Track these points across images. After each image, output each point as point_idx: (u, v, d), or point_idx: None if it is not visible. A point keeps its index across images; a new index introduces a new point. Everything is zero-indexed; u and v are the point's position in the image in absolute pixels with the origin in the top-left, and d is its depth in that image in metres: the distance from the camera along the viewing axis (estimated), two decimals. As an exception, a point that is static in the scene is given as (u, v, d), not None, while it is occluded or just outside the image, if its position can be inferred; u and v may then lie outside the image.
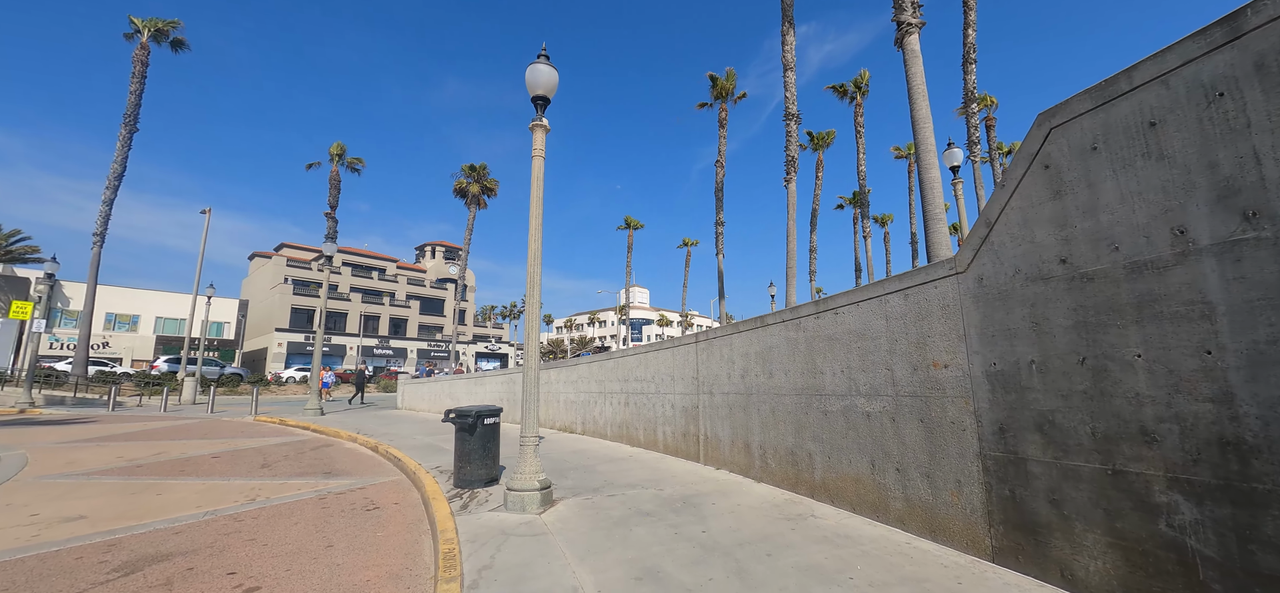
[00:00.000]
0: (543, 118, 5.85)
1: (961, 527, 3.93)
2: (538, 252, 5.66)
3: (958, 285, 3.99)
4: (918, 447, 4.30)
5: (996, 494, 3.69)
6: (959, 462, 3.97)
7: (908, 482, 4.38)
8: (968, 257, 3.90)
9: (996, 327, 3.71)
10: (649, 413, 8.83)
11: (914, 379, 4.35)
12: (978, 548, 3.81)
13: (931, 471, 4.18)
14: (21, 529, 5.08)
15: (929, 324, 4.23)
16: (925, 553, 3.89)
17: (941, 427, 4.11)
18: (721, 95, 24.81)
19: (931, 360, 4.20)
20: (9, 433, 12.03)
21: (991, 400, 3.73)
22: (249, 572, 4.04)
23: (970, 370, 3.88)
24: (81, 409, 17.71)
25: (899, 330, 4.50)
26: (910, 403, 4.38)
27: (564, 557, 3.94)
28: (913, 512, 4.33)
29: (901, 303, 4.49)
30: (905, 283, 4.46)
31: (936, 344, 4.17)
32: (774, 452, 6.03)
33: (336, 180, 30.74)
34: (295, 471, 7.96)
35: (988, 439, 3.76)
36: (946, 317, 4.09)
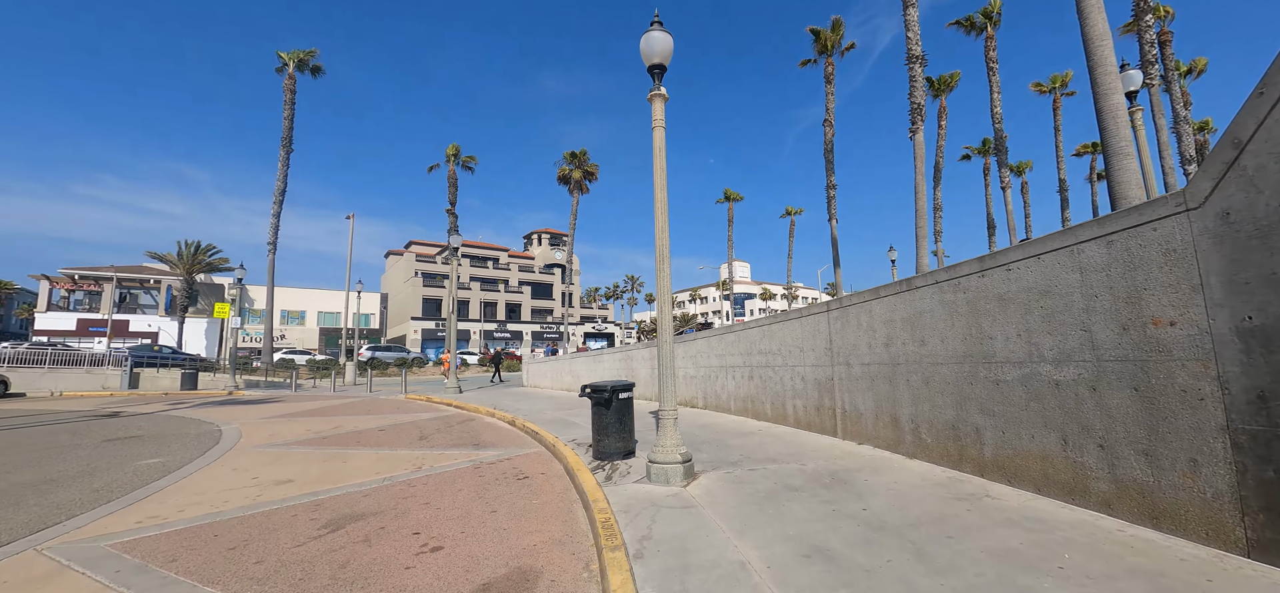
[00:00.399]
0: (661, 86, 5.74)
1: (1199, 514, 3.29)
2: (664, 225, 5.60)
3: (1189, 224, 3.29)
4: (1130, 420, 3.66)
5: (1254, 477, 3.02)
6: (1193, 437, 3.31)
7: (1116, 460, 3.76)
8: (1205, 188, 3.19)
9: (1252, 272, 3.00)
10: (776, 386, 8.54)
11: (1123, 341, 3.69)
12: (1224, 540, 3.16)
13: (1151, 447, 3.54)
14: (248, 490, 6.06)
15: (1144, 274, 3.55)
16: (1150, 543, 3.31)
17: (1166, 396, 3.45)
18: (826, 49, 23.11)
19: (1150, 318, 3.53)
20: (224, 411, 14.59)
21: (1245, 364, 3.04)
22: (430, 532, 4.46)
23: (1212, 328, 3.19)
24: (271, 391, 21.07)
25: (1099, 284, 3.84)
26: (1117, 369, 3.73)
27: (721, 530, 3.89)
28: (1123, 495, 3.71)
29: (1102, 252, 3.81)
30: (1106, 227, 3.78)
31: (1156, 298, 3.49)
32: (929, 426, 5.52)
33: (454, 179, 33.39)
34: (448, 442, 8.77)
35: (1239, 410, 3.08)
36: (1171, 264, 3.39)
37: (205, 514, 5.13)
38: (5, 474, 6.85)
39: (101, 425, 11.65)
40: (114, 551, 4.24)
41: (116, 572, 3.77)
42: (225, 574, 3.67)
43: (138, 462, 7.65)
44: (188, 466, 7.39)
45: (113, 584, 3.57)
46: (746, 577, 3.09)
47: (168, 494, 5.89)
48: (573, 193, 34.22)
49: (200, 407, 15.88)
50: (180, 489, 6.11)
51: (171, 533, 4.60)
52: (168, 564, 3.92)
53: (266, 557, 3.98)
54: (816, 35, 23.22)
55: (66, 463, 7.49)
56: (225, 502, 5.53)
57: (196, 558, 3.99)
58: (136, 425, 11.69)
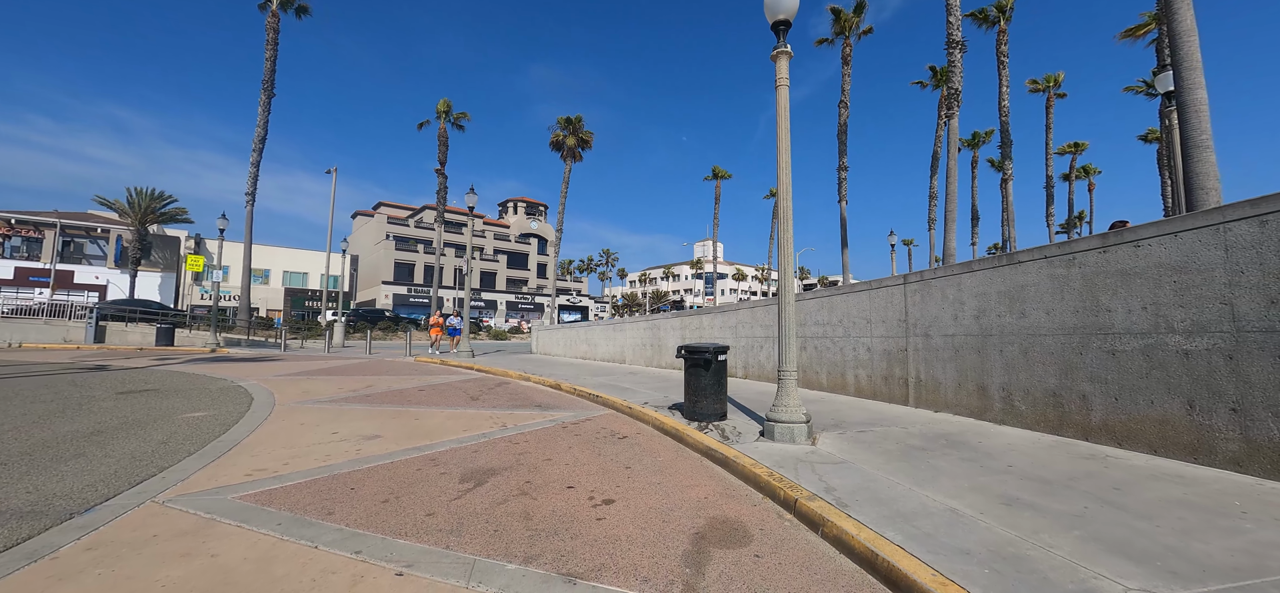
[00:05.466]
0: (785, 44, 5.68)
1: (1344, 471, 3.62)
2: (788, 187, 5.61)
3: (1364, 207, 3.55)
4: (1271, 386, 3.96)
5: None
6: (1346, 401, 3.62)
7: (1250, 423, 4.07)
8: (1388, 173, 3.44)
9: None
10: (833, 357, 8.77)
11: (1271, 314, 3.97)
12: (1373, 493, 3.50)
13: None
14: (340, 444, 5.82)
15: (1304, 252, 3.81)
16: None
17: (1318, 364, 3.75)
18: (844, 30, 23.22)
19: (1305, 292, 3.81)
20: (225, 367, 13.82)
21: None
22: (585, 486, 4.42)
23: (1379, 301, 3.48)
24: (256, 349, 20.06)
25: (1248, 261, 4.10)
26: (1260, 339, 4.03)
27: (899, 483, 4.02)
28: (1255, 454, 4.04)
29: (1254, 230, 4.07)
30: (1261, 208, 4.03)
31: (1316, 274, 3.76)
32: (1025, 394, 5.81)
33: (444, 137, 32.04)
34: (506, 403, 8.62)
35: (1401, 377, 3.39)
36: (1338, 243, 3.66)
37: (317, 468, 4.91)
38: (41, 425, 6.34)
39: (99, 378, 10.86)
40: (249, 502, 4.03)
41: (278, 525, 3.58)
42: (405, 528, 3.54)
43: (182, 415, 7.22)
44: (241, 420, 7.02)
45: (288, 536, 3.39)
46: (970, 520, 3.23)
47: (250, 448, 5.60)
48: (566, 160, 33.43)
49: (194, 363, 14.98)
50: (259, 443, 5.82)
51: (298, 486, 4.40)
52: (325, 517, 3.75)
53: (434, 510, 3.86)
54: (836, 16, 23.25)
55: (97, 416, 6.98)
56: (327, 456, 5.31)
57: (352, 512, 3.83)
58: (140, 379, 10.96)
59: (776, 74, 5.68)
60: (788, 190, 5.58)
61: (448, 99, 31.79)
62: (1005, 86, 22.19)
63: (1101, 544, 2.90)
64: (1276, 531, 3.03)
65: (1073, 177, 35.11)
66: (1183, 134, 7.13)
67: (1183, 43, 7.12)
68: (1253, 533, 3.02)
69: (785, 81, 5.66)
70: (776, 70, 5.68)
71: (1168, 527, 3.12)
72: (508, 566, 2.98)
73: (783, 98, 5.65)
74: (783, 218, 5.58)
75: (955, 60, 14.79)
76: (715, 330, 12.01)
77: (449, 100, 31.88)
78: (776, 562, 3.03)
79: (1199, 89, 7.04)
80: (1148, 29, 18.31)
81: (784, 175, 5.59)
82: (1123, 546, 2.88)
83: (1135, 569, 2.61)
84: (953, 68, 14.89)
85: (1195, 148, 7.00)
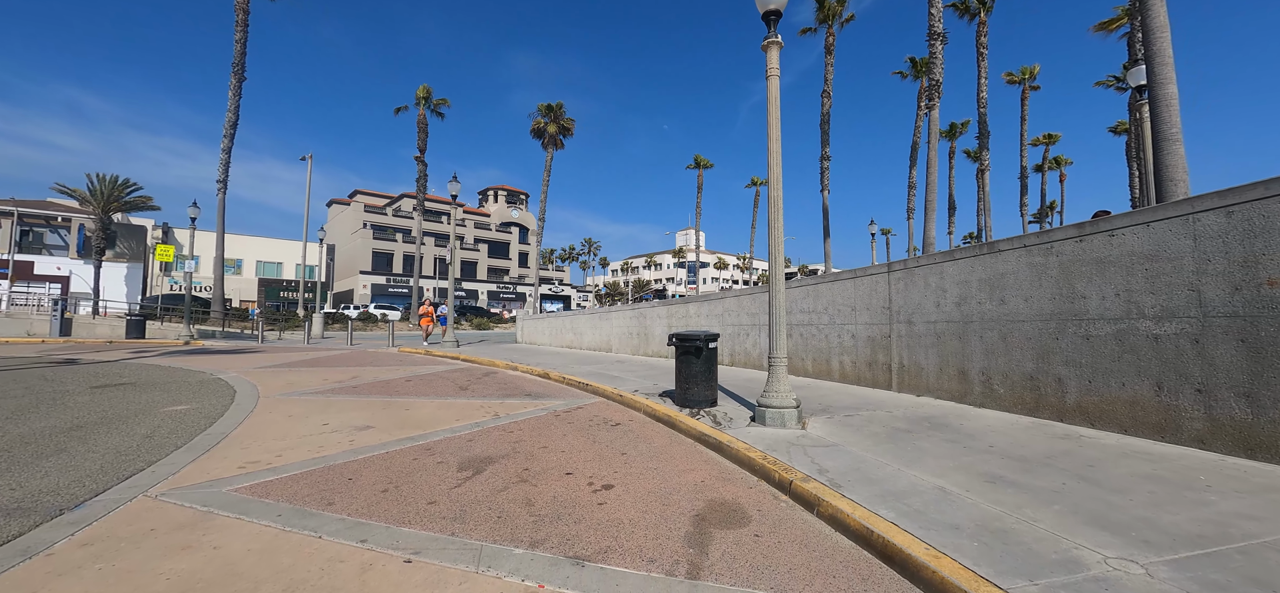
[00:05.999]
0: (776, 33, 5.74)
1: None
2: (778, 176, 5.70)
3: (1321, 198, 3.77)
4: (1233, 368, 4.21)
5: (1359, 412, 3.60)
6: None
7: (1213, 403, 4.32)
8: (1343, 167, 3.66)
9: (1381, 240, 3.51)
10: (819, 343, 8.96)
11: (1234, 299, 4.21)
12: (1323, 466, 3.76)
13: (1253, 390, 4.10)
14: (330, 436, 5.78)
15: (1264, 241, 4.04)
16: (1258, 468, 3.88)
17: (1276, 346, 3.98)
18: (827, 18, 23.36)
19: (1264, 279, 4.04)
20: (203, 360, 13.49)
21: (1363, 317, 3.58)
22: (584, 473, 4.49)
23: (1332, 287, 3.72)
24: (233, 341, 19.60)
25: (1214, 250, 4.32)
26: (1224, 324, 4.26)
27: (888, 463, 4.17)
28: (1217, 432, 4.29)
29: (1220, 220, 4.29)
30: (1228, 199, 4.24)
31: (1274, 262, 3.99)
32: (1003, 378, 6.04)
33: (423, 124, 31.40)
34: (496, 392, 8.62)
35: (1351, 357, 3.64)
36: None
37: (312, 459, 4.88)
38: (16, 421, 6.16)
39: (71, 373, 10.53)
40: (245, 494, 4.00)
41: (279, 516, 3.58)
42: (407, 516, 3.56)
43: (164, 409, 7.07)
44: (226, 413, 6.91)
45: (289, 527, 3.39)
46: (958, 497, 3.38)
47: (239, 441, 5.53)
48: (547, 148, 33.07)
49: (168, 356, 14.58)
50: (248, 436, 5.74)
51: (294, 477, 4.37)
52: (326, 507, 3.75)
53: (436, 498, 3.89)
54: (820, 3, 23.37)
55: (74, 411, 6.80)
56: (320, 447, 5.28)
57: (352, 501, 3.83)
58: (114, 373, 10.65)
59: (767, 64, 5.75)
60: (778, 179, 5.67)
61: (427, 85, 31.18)
62: (984, 78, 22.65)
63: (1080, 517, 3.08)
64: (1239, 502, 3.25)
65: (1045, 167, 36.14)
66: (1154, 127, 7.43)
67: (1155, 39, 7.41)
68: (1217, 504, 3.23)
69: (776, 71, 5.73)
70: (767, 61, 5.75)
71: (1140, 500, 3.32)
72: (515, 550, 3.04)
73: (773, 88, 5.73)
74: (773, 206, 5.68)
75: (937, 51, 15.05)
76: (701, 319, 12.13)
77: (428, 86, 31.25)
78: (776, 541, 3.14)
79: (1170, 84, 7.33)
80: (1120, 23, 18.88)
81: (775, 164, 5.68)
82: (1099, 518, 3.06)
83: (1112, 540, 2.78)
84: (934, 59, 15.16)
85: (1165, 140, 7.30)
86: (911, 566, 2.65)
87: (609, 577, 2.73)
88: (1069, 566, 2.52)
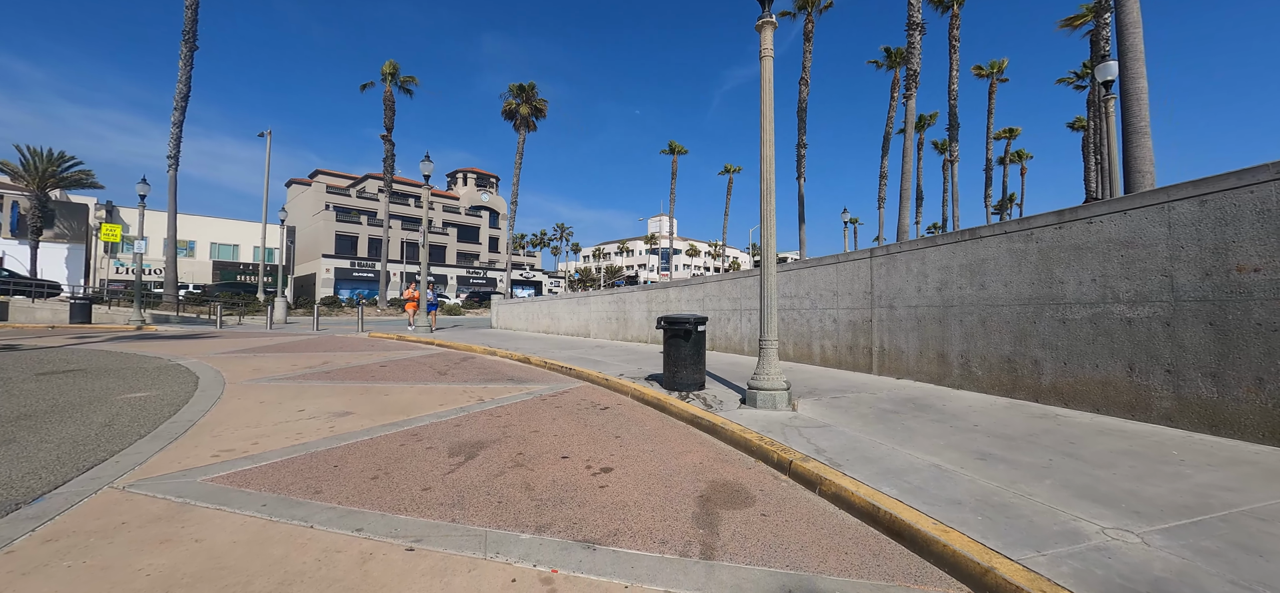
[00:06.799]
0: (770, 13, 5.70)
1: (1257, 421, 4.11)
2: (770, 158, 5.69)
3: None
4: (1202, 350, 4.43)
5: (1316, 390, 3.84)
6: (1263, 361, 4.09)
7: (1181, 382, 4.55)
8: (1309, 158, 3.86)
9: (1342, 228, 3.72)
10: (800, 328, 9.07)
11: (1204, 285, 4.42)
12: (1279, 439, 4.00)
13: (1219, 371, 4.33)
14: (308, 422, 5.55)
15: (1235, 229, 4.24)
16: (1222, 444, 4.10)
17: (1241, 330, 4.20)
18: (806, 5, 23.43)
19: (1234, 266, 4.25)
20: (158, 345, 12.78)
21: (1323, 301, 3.80)
22: (581, 456, 4.42)
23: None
24: (188, 326, 18.63)
25: (1187, 237, 4.52)
26: (1195, 308, 4.48)
27: (882, 443, 4.24)
28: (1185, 410, 4.52)
29: (1193, 209, 4.48)
30: (1202, 189, 4.44)
31: (1244, 249, 4.19)
32: (981, 360, 6.23)
33: (391, 102, 30.19)
34: (477, 377, 8.44)
35: (1310, 338, 3.86)
36: (1263, 220, 4.09)
37: (291, 446, 4.68)
38: (-38, 410, 5.70)
39: (11, 359, 9.83)
40: (223, 484, 3.80)
41: (264, 506, 3.40)
42: (402, 503, 3.44)
43: (121, 396, 6.66)
44: (192, 400, 6.56)
45: (277, 518, 3.23)
46: (954, 474, 3.46)
47: (210, 429, 5.26)
48: (519, 130, 32.29)
49: (118, 341, 13.75)
50: (218, 423, 5.47)
51: (275, 466, 4.18)
52: (313, 496, 3.59)
53: (430, 484, 3.77)
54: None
55: (21, 400, 6.35)
56: (299, 434, 5.06)
57: (341, 489, 3.68)
58: (61, 359, 9.99)
59: (761, 45, 5.70)
60: (770, 163, 5.66)
61: (394, 61, 29.98)
62: (955, 71, 23.22)
63: (1071, 491, 3.19)
64: (1213, 474, 3.43)
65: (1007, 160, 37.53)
66: (1124, 120, 7.75)
67: (1128, 35, 7.70)
68: (1193, 477, 3.39)
69: (769, 52, 5.70)
70: (761, 41, 5.70)
71: (1122, 474, 3.46)
72: (521, 536, 2.96)
73: (767, 69, 5.69)
74: (765, 191, 5.67)
75: (915, 42, 15.31)
76: (682, 303, 12.15)
77: (396, 62, 30.05)
78: (783, 519, 3.16)
79: (1141, 79, 7.65)
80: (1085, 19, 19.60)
81: (768, 149, 5.66)
82: (1089, 491, 3.18)
83: (1105, 511, 2.89)
84: (912, 50, 15.42)
85: (1135, 133, 7.63)
86: (921, 540, 2.69)
87: (623, 559, 2.69)
88: (1070, 537, 2.60)
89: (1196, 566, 2.31)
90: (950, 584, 2.45)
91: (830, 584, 2.46)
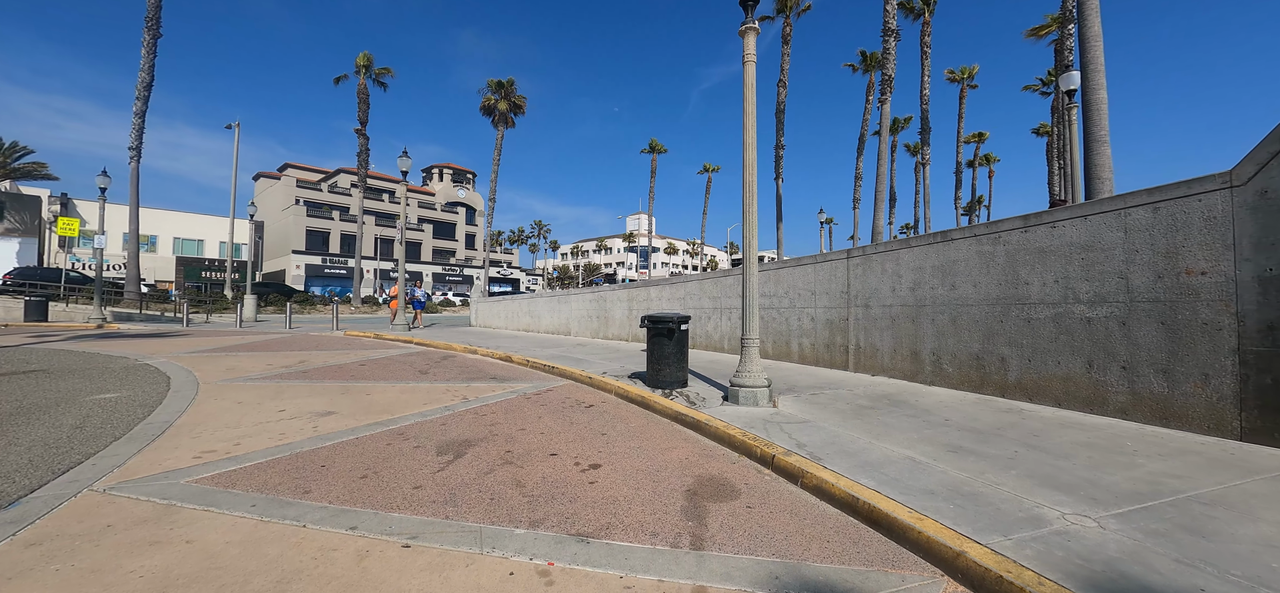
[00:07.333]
0: (752, 19, 5.84)
1: (1204, 414, 4.42)
2: (753, 161, 5.84)
3: (1231, 198, 4.27)
4: (1154, 347, 4.73)
5: (1254, 384, 4.15)
6: (1209, 358, 4.40)
7: (1135, 378, 4.85)
8: (1250, 170, 4.16)
9: (1278, 236, 4.02)
10: (779, 327, 9.28)
11: (1157, 286, 4.72)
12: (1223, 431, 4.31)
13: (1170, 367, 4.63)
14: (290, 423, 5.50)
15: (1185, 234, 4.54)
16: (1172, 435, 4.40)
17: (1190, 328, 4.51)
18: (784, 8, 23.77)
19: (1183, 268, 4.55)
20: (123, 344, 12.35)
21: (1260, 303, 4.11)
22: (569, 454, 4.50)
23: (1237, 277, 4.24)
24: (153, 324, 17.99)
25: (1142, 242, 4.82)
26: (1148, 308, 4.78)
27: (860, 437, 4.42)
28: (1139, 404, 4.82)
29: (1148, 215, 4.78)
30: (1156, 197, 4.73)
31: (1193, 253, 4.50)
32: (952, 358, 6.50)
33: (365, 94, 29.54)
34: (459, 376, 8.42)
35: (1249, 337, 4.18)
36: (1210, 227, 4.39)
37: (275, 446, 4.64)
38: (-81, 412, 5.48)
39: (-35, 360, 9.40)
40: (209, 485, 3.77)
41: (253, 506, 3.40)
42: (395, 501, 3.47)
43: (90, 397, 6.47)
44: (166, 401, 6.41)
45: (268, 518, 3.23)
46: (927, 466, 3.65)
47: (188, 430, 5.17)
48: (497, 125, 31.98)
49: (79, 340, 13.23)
50: (197, 424, 5.38)
51: (261, 466, 4.15)
52: (303, 496, 3.59)
53: (421, 482, 3.80)
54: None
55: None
56: (282, 435, 5.01)
57: (331, 489, 3.69)
58: (19, 358, 9.60)
59: (744, 50, 5.84)
60: (753, 167, 5.81)
61: (368, 52, 29.36)
62: (927, 76, 23.94)
63: (1035, 480, 3.41)
64: (1163, 463, 3.69)
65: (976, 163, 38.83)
66: (1085, 129, 8.15)
67: (1090, 47, 8.10)
68: (1145, 466, 3.65)
69: (752, 57, 5.84)
70: (744, 46, 5.84)
71: (1081, 464, 3.70)
72: (516, 530, 3.03)
73: (749, 74, 5.83)
74: (748, 193, 5.82)
75: (890, 48, 15.73)
76: (663, 302, 12.28)
77: (370, 54, 29.42)
78: (768, 511, 3.29)
79: (1101, 90, 8.06)
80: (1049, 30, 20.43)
81: (750, 150, 5.81)
82: (1051, 480, 3.40)
83: (1066, 498, 3.10)
84: (887, 55, 15.83)
85: (1095, 142, 8.04)
86: (898, 528, 2.86)
87: (616, 552, 2.78)
88: (1034, 522, 2.80)
89: (1146, 546, 2.52)
90: (925, 568, 2.62)
91: (815, 571, 2.60)
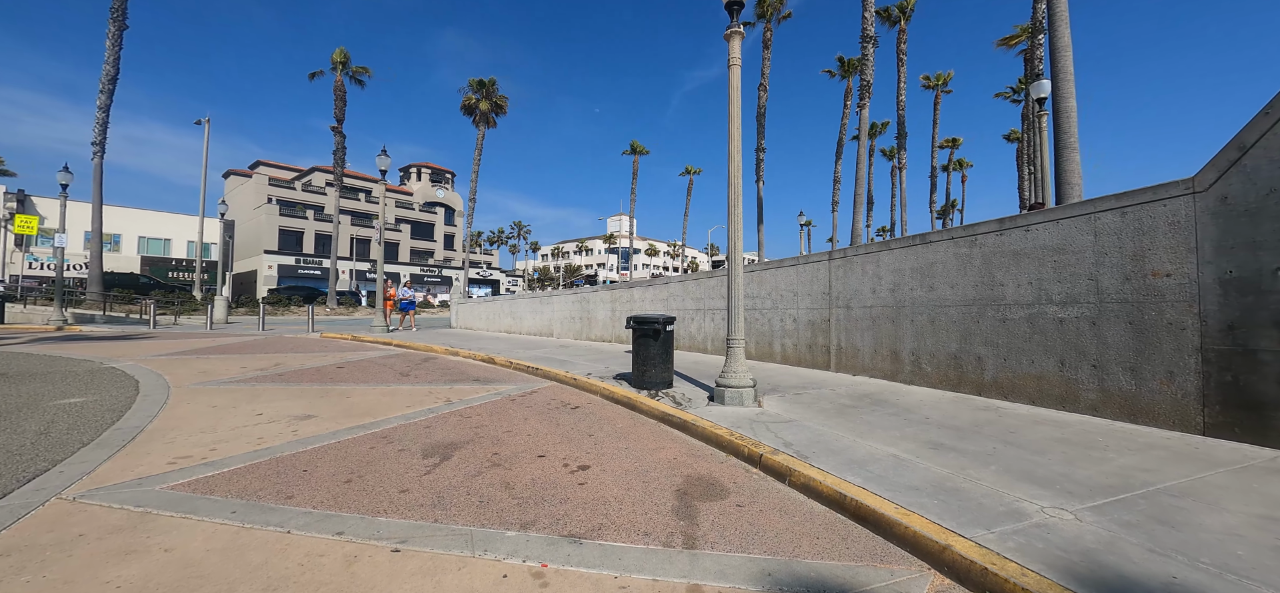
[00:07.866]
0: (738, 24, 5.90)
1: (1169, 410, 4.61)
2: (738, 164, 5.90)
3: (1193, 203, 4.47)
4: (1122, 346, 4.92)
5: (1216, 381, 4.35)
6: (1173, 356, 4.59)
7: (1105, 376, 5.03)
8: (1211, 177, 4.36)
9: (1237, 240, 4.22)
10: (761, 327, 9.39)
11: (1125, 288, 4.91)
12: (1187, 426, 4.50)
13: (1137, 365, 4.82)
14: (272, 426, 5.37)
15: (1151, 238, 4.73)
16: (1139, 431, 4.58)
17: (1155, 328, 4.70)
18: (765, 14, 24.07)
19: (1150, 271, 4.74)
20: (87, 347, 11.89)
21: (1222, 304, 4.31)
22: (557, 455, 4.48)
23: (1199, 278, 4.43)
24: (118, 327, 17.35)
25: (1110, 245, 5.01)
26: (1116, 308, 4.97)
27: (844, 436, 4.50)
28: (1108, 401, 5.01)
29: (1116, 219, 4.97)
30: (1123, 201, 4.92)
31: (1158, 256, 4.69)
32: (930, 358, 6.66)
33: (342, 91, 28.95)
34: (442, 378, 8.31)
35: (1211, 336, 4.37)
36: (1175, 231, 4.59)
37: (254, 451, 4.53)
38: None
39: (-85, 364, 8.94)
40: (185, 492, 3.67)
41: (233, 512, 3.31)
42: (381, 506, 3.42)
43: (53, 402, 6.23)
44: (135, 405, 6.21)
45: (250, 524, 3.16)
46: (911, 463, 3.74)
47: (161, 434, 5.02)
48: (478, 125, 31.66)
49: (40, 343, 12.69)
50: (170, 429, 5.22)
51: (239, 471, 4.05)
52: (285, 501, 3.52)
53: (407, 486, 3.75)
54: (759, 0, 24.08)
55: (-52, 405, 5.85)
56: (260, 439, 4.89)
57: (315, 494, 3.62)
58: (-26, 364, 9.16)
59: (729, 53, 5.90)
60: (738, 171, 5.87)
61: (345, 49, 28.77)
62: (903, 82, 24.51)
63: (1013, 475, 3.52)
64: (1132, 457, 3.84)
65: (951, 168, 39.90)
66: (1055, 136, 8.45)
67: (1060, 57, 8.39)
68: (1116, 460, 3.80)
69: (738, 61, 5.90)
70: (729, 50, 5.90)
71: (1056, 459, 3.83)
72: (507, 533, 3.02)
73: (734, 77, 5.90)
74: (733, 194, 5.88)
75: (868, 54, 16.06)
76: (646, 304, 12.31)
77: (346, 50, 28.85)
78: (757, 509, 3.34)
79: (1070, 98, 8.36)
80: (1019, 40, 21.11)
81: (735, 153, 5.87)
82: (1028, 475, 3.51)
83: (1043, 492, 3.21)
84: (866, 61, 16.17)
85: (1064, 148, 8.33)
86: (885, 523, 2.92)
87: (609, 552, 2.79)
88: (1015, 516, 2.89)
89: (1121, 537, 2.62)
90: (913, 563, 2.68)
91: (807, 568, 2.64)
